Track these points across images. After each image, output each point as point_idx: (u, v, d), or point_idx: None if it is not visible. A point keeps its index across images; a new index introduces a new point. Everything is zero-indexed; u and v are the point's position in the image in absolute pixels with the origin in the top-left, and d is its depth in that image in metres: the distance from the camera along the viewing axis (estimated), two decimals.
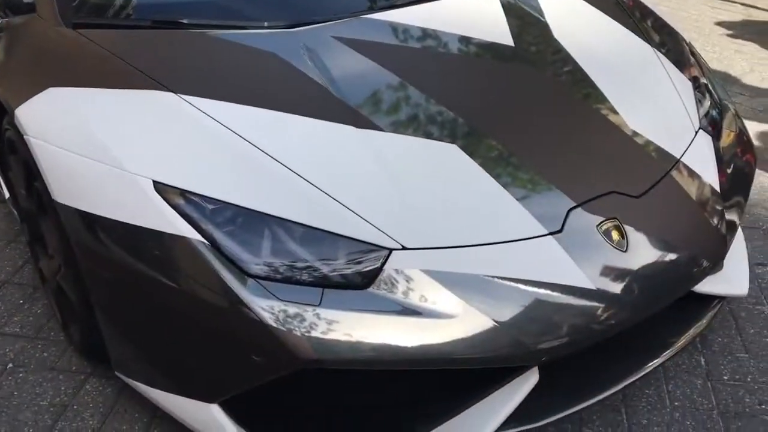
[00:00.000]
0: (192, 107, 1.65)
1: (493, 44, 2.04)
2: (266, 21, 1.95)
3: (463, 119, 1.78)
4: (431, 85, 1.85)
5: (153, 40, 1.87)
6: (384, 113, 1.76)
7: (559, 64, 2.05)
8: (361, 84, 1.83)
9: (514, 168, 1.71)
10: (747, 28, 4.49)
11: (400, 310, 1.47)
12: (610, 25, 2.29)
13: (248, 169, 1.57)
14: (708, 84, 2.26)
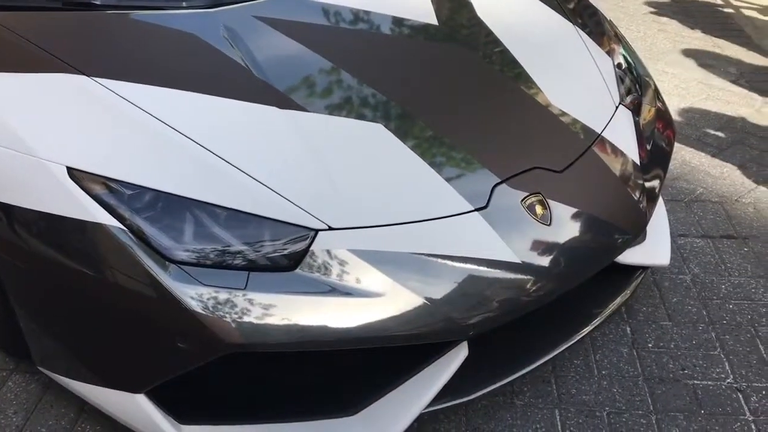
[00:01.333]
0: (105, 90, 1.59)
1: (417, 24, 2.03)
2: (184, 1, 1.89)
3: (388, 98, 1.77)
4: (356, 64, 1.84)
5: (63, 21, 1.80)
6: (308, 94, 1.74)
7: (483, 43, 2.06)
8: (284, 64, 1.80)
9: (439, 146, 1.72)
10: (671, 8, 4.61)
11: (327, 291, 1.46)
12: (533, 4, 2.32)
13: (168, 152, 1.53)
14: (629, 61, 2.31)
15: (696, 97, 3.42)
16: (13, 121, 1.54)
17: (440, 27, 2.06)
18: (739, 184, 2.75)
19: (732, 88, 3.51)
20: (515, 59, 2.02)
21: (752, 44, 4.05)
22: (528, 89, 1.97)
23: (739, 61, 3.83)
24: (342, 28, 1.97)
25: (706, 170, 2.83)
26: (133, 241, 1.43)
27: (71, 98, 1.59)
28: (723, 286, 2.22)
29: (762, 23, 4.36)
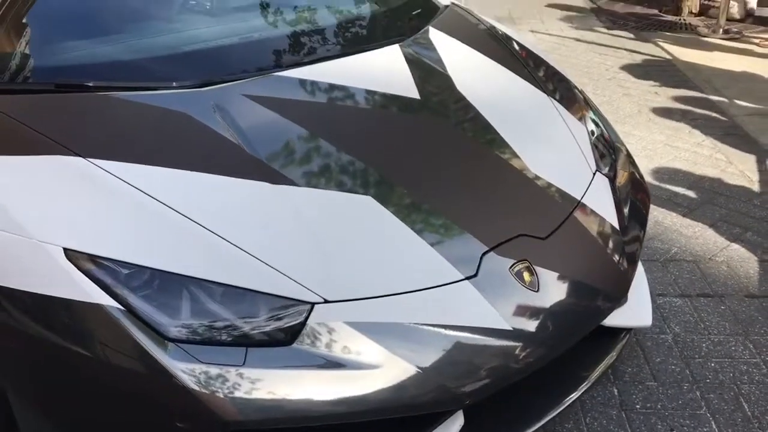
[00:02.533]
0: (101, 170, 1.62)
1: (400, 97, 2.11)
2: (175, 81, 1.95)
3: (376, 171, 1.83)
4: (343, 138, 1.90)
5: (57, 103, 1.84)
6: (298, 168, 1.79)
7: (463, 114, 2.14)
8: (274, 140, 1.85)
9: (427, 216, 1.76)
10: (633, 71, 4.81)
11: (324, 364, 1.48)
12: (507, 76, 2.41)
13: (163, 230, 1.56)
14: (601, 127, 2.41)
15: (663, 158, 3.55)
16: (9, 203, 1.56)
17: (422, 101, 2.13)
18: (712, 243, 2.83)
19: (697, 150, 3.65)
20: (495, 130, 2.10)
21: (714, 107, 4.23)
22: (508, 158, 2.03)
23: (702, 122, 3.99)
24: (330, 103, 2.04)
25: (679, 230, 2.92)
26: (130, 321, 1.44)
27: (67, 179, 1.61)
28: (704, 344, 2.28)
29: (720, 85, 4.56)
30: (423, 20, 2.54)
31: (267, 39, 2.28)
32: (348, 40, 2.40)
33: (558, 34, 5.65)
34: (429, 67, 2.28)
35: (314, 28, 2.41)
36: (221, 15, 2.65)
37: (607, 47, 5.34)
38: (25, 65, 2.01)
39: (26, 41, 2.14)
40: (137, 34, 2.26)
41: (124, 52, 2.12)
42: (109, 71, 1.98)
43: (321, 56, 2.22)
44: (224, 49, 2.19)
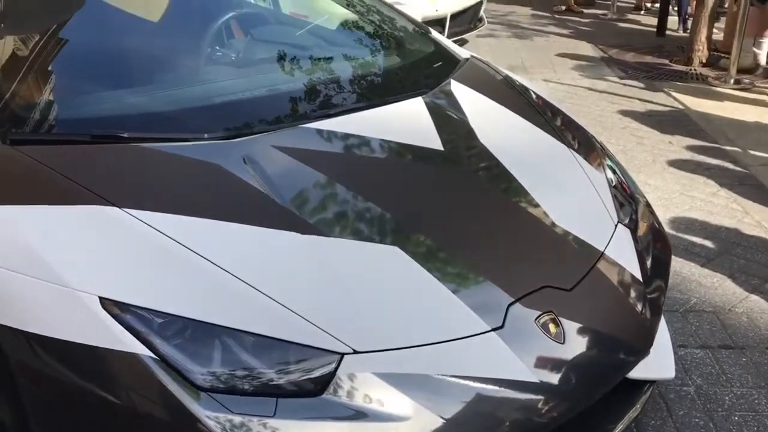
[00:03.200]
0: (136, 220, 1.66)
1: (424, 148, 2.15)
2: (206, 132, 2.00)
3: (403, 221, 1.86)
4: (370, 189, 1.93)
5: (93, 154, 1.89)
6: (327, 218, 1.82)
7: (485, 166, 2.17)
8: (303, 191, 1.89)
9: (454, 267, 1.79)
10: (646, 121, 4.87)
11: (353, 415, 1.49)
12: (527, 127, 2.45)
13: (195, 279, 1.58)
14: (620, 178, 2.44)
15: (679, 208, 3.57)
16: (46, 253, 1.59)
17: (445, 152, 2.17)
18: (731, 293, 2.84)
19: (712, 200, 3.67)
20: (517, 180, 2.13)
21: (728, 156, 4.26)
22: (531, 209, 2.06)
23: (717, 172, 4.02)
24: (356, 155, 2.08)
25: (698, 280, 2.93)
26: (162, 369, 1.46)
27: (103, 229, 1.65)
28: (726, 397, 2.27)
29: (733, 135, 4.60)
30: (444, 72, 2.60)
31: (294, 91, 2.33)
32: (372, 92, 2.46)
33: (570, 83, 5.73)
34: (451, 118, 2.32)
35: (339, 81, 2.47)
36: (248, 66, 2.72)
37: (619, 96, 5.41)
38: (61, 116, 2.07)
39: (61, 91, 2.21)
40: (168, 85, 2.32)
41: (156, 104, 2.18)
42: (143, 122, 2.03)
43: (347, 108, 2.27)
44: (253, 101, 2.24)
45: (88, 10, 2.56)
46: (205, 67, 2.62)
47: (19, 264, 1.59)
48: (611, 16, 8.02)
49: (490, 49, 6.74)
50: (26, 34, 2.39)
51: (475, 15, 6.62)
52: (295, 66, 2.59)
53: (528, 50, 6.73)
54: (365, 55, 2.81)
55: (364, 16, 3.04)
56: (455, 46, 2.92)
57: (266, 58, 2.77)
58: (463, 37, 6.46)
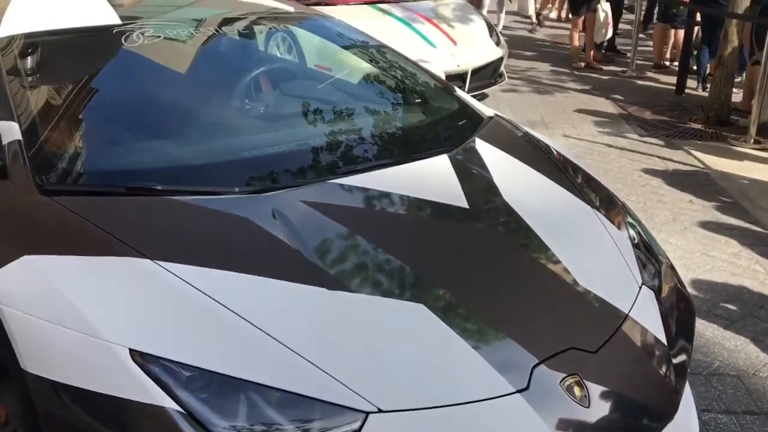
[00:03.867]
0: (167, 273, 1.69)
1: (450, 206, 2.17)
2: (236, 186, 2.04)
3: (428, 279, 1.87)
4: (397, 246, 1.95)
5: (127, 206, 1.93)
6: (353, 274, 1.84)
7: (510, 224, 2.19)
8: (330, 246, 1.92)
9: (478, 326, 1.79)
10: (666, 178, 4.88)
11: None
12: (550, 186, 2.47)
13: (223, 333, 1.60)
14: (643, 237, 2.45)
15: (701, 268, 3.56)
16: (78, 303, 1.62)
17: (470, 210, 2.19)
18: (754, 357, 2.80)
19: (734, 260, 3.65)
20: (541, 240, 2.14)
21: (749, 216, 4.26)
22: (556, 269, 2.07)
23: (738, 232, 4.01)
24: (384, 211, 2.11)
25: (721, 343, 2.90)
26: (188, 423, 1.47)
27: (134, 280, 1.68)
28: None
29: (754, 195, 4.60)
30: (469, 130, 2.64)
31: (321, 146, 2.38)
32: (399, 149, 2.50)
33: (589, 140, 5.77)
34: (476, 177, 2.35)
35: (366, 136, 2.53)
36: (276, 120, 2.79)
37: (638, 153, 5.44)
38: (95, 167, 2.12)
39: (95, 142, 2.28)
40: (199, 137, 2.38)
41: (188, 156, 2.24)
42: (175, 175, 2.08)
43: (374, 164, 2.31)
44: (281, 156, 2.29)
45: (123, 62, 2.64)
46: (234, 120, 2.68)
47: (50, 313, 1.62)
48: (630, 74, 8.09)
49: (510, 103, 6.82)
50: (62, 85, 2.48)
51: (496, 70, 6.71)
52: (323, 120, 2.64)
53: (547, 105, 6.80)
54: (391, 111, 2.87)
55: (390, 71, 3.11)
56: (479, 104, 2.97)
57: (294, 112, 2.83)
58: (484, 91, 6.55)
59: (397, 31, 6.27)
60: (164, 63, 2.73)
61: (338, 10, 6.06)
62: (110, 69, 2.63)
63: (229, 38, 2.93)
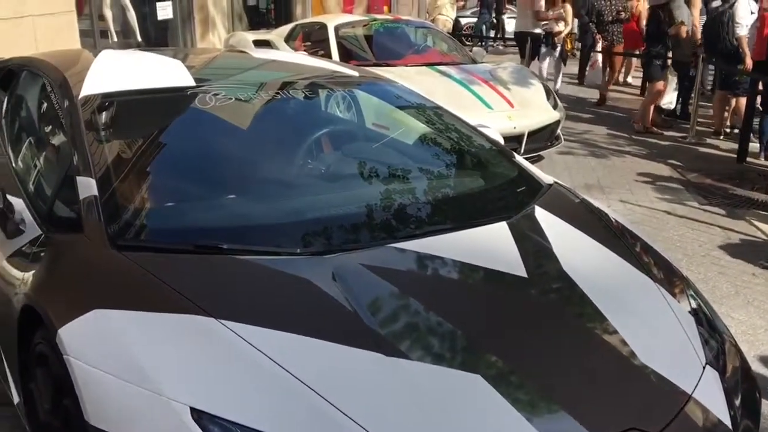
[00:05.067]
0: (231, 332, 1.72)
1: (509, 275, 2.17)
2: (299, 247, 2.08)
3: (487, 349, 1.86)
4: (455, 314, 1.95)
5: (194, 264, 1.99)
6: (411, 341, 1.84)
7: (570, 296, 2.17)
8: (389, 312, 1.93)
9: (537, 401, 1.76)
10: (728, 249, 4.76)
11: None
12: (609, 256, 2.44)
13: (284, 397, 1.62)
14: (706, 313, 2.38)
15: (765, 345, 3.43)
16: (142, 358, 1.66)
17: (529, 279, 2.18)
18: None
19: None
20: (602, 314, 2.11)
21: None
22: (615, 342, 2.03)
23: None
24: (442, 278, 2.12)
25: None
26: None
27: (198, 339, 1.72)
28: None
29: None
30: (528, 198, 2.65)
31: (381, 209, 2.42)
32: (458, 214, 2.51)
33: (648, 206, 5.69)
34: (536, 246, 2.35)
35: (426, 201, 2.55)
36: (337, 180, 2.84)
37: (699, 222, 5.33)
38: (171, 227, 2.19)
39: (165, 200, 2.36)
40: (264, 198, 2.45)
41: (253, 216, 2.30)
42: (242, 235, 2.13)
43: (433, 229, 2.33)
44: (342, 218, 2.33)
45: (194, 123, 2.75)
46: (297, 180, 2.75)
47: (116, 367, 1.66)
48: (690, 140, 8.00)
49: (567, 166, 6.80)
50: (137, 143, 2.59)
51: (552, 133, 6.73)
52: (383, 183, 2.68)
53: (604, 169, 6.75)
54: (451, 175, 2.90)
55: (450, 135, 3.15)
56: (538, 171, 2.98)
57: (354, 173, 2.87)
58: (539, 153, 6.55)
59: (455, 92, 6.38)
60: (233, 124, 2.83)
61: (397, 71, 6.20)
62: (182, 129, 2.74)
63: (293, 100, 3.03)
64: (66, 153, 2.49)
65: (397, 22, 8.79)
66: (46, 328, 1.84)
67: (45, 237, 2.25)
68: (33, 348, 2.00)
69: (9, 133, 3.10)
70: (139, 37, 9.06)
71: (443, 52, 7.92)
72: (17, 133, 3.11)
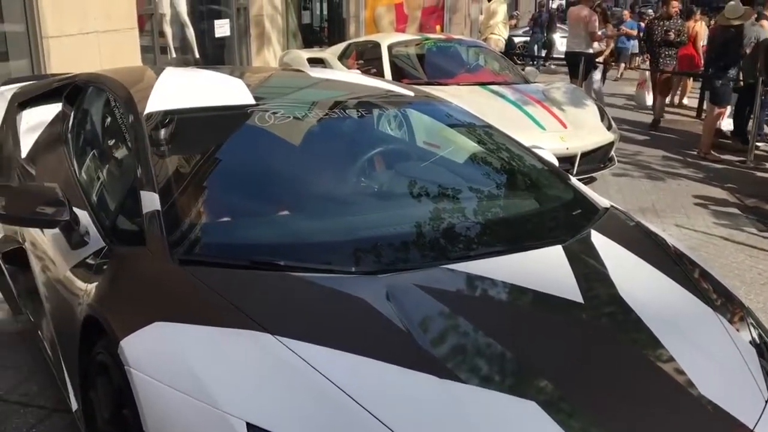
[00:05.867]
0: (286, 349, 1.74)
1: (564, 300, 2.14)
2: (353, 266, 2.10)
3: (542, 375, 1.83)
4: (510, 339, 1.93)
5: (251, 279, 2.02)
6: (465, 364, 1.83)
7: (627, 324, 2.13)
8: (442, 333, 1.93)
9: (588, 426, 1.73)
10: None
11: None
12: (668, 283, 2.39)
13: (337, 416, 1.62)
14: (765, 340, 2.31)
15: None
16: (201, 372, 1.69)
17: (585, 305, 2.15)
18: None
19: None
20: (660, 342, 2.06)
21: None
22: (672, 371, 1.98)
23: None
24: (496, 301, 2.11)
25: None
26: None
27: (255, 355, 1.74)
28: None
29: None
30: (584, 221, 2.62)
31: (435, 230, 2.42)
32: (512, 236, 2.49)
33: (704, 231, 5.56)
34: (592, 271, 2.32)
35: (479, 222, 2.55)
36: (390, 199, 2.86)
37: (758, 250, 5.18)
38: (231, 243, 2.24)
39: (223, 216, 2.41)
40: (319, 215, 2.48)
41: (308, 234, 2.33)
42: (297, 253, 2.16)
43: (487, 251, 2.32)
44: (396, 237, 2.33)
45: (254, 140, 2.81)
46: (352, 199, 2.77)
47: (175, 380, 1.70)
48: (748, 164, 7.81)
49: (620, 188, 6.70)
50: (198, 160, 2.66)
51: (606, 155, 6.64)
52: (436, 203, 2.68)
53: (659, 193, 6.63)
54: (504, 197, 2.89)
55: (505, 157, 3.14)
56: (594, 194, 2.95)
57: (408, 193, 2.88)
58: (592, 175, 6.48)
59: (507, 112, 6.36)
60: (290, 142, 2.87)
61: (449, 91, 6.22)
62: (242, 146, 2.80)
63: (348, 119, 3.07)
64: (129, 167, 2.57)
65: (449, 41, 8.83)
66: (108, 338, 1.89)
67: (108, 249, 2.31)
68: (94, 357, 2.05)
69: (74, 146, 3.21)
70: (197, 53, 9.28)
71: (495, 71, 7.91)
72: (82, 146, 3.22)
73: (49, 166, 3.23)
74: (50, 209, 2.34)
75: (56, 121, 3.56)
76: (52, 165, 3.21)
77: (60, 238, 2.53)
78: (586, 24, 9.91)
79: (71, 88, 3.56)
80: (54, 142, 3.37)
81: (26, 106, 3.83)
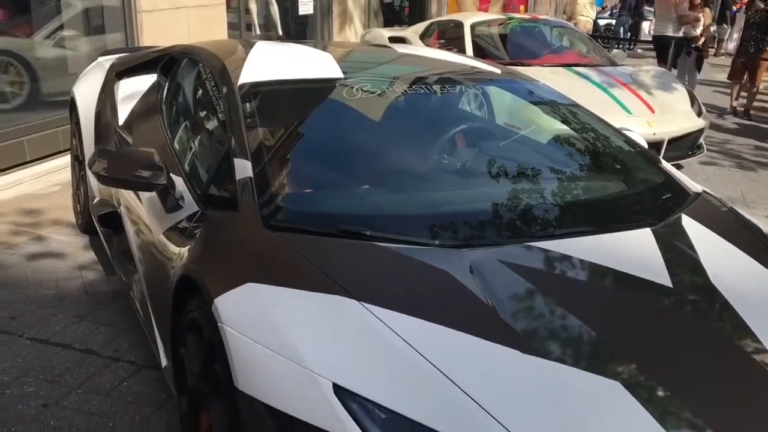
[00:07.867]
0: (372, 315, 1.77)
1: (650, 282, 2.10)
2: (437, 239, 2.11)
3: (626, 356, 1.81)
4: (593, 318, 1.91)
5: (338, 246, 2.06)
6: (548, 341, 1.82)
7: (717, 311, 2.07)
8: (526, 309, 1.92)
9: (679, 414, 1.69)
10: None
11: None
12: (762, 272, 2.31)
13: (421, 383, 1.65)
14: None
15: None
16: (291, 333, 1.75)
17: (673, 289, 2.10)
18: None
19: None
20: (751, 331, 2.00)
21: None
22: (766, 361, 1.92)
23: None
24: (580, 280, 2.09)
25: None
26: None
27: (341, 318, 1.78)
28: None
29: None
30: (674, 205, 2.55)
31: (520, 207, 2.41)
32: (600, 217, 2.46)
33: None
34: (682, 256, 2.26)
35: (566, 202, 2.51)
36: (474, 176, 2.85)
37: None
38: (321, 211, 2.29)
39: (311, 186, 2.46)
40: (404, 189, 2.50)
41: (394, 206, 2.36)
42: (385, 224, 2.19)
43: (573, 231, 2.29)
44: (480, 213, 2.33)
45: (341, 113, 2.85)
46: (435, 174, 2.78)
47: (266, 338, 1.75)
48: None
49: (708, 177, 6.46)
50: (288, 130, 2.72)
51: (695, 142, 6.41)
52: (522, 182, 2.66)
53: (749, 183, 6.36)
54: (591, 177, 2.84)
55: (593, 137, 3.08)
56: (686, 178, 2.86)
57: (492, 170, 2.87)
58: (679, 162, 6.27)
59: (593, 95, 6.21)
60: (377, 116, 2.90)
61: (532, 71, 6.10)
62: (331, 119, 2.85)
63: (433, 95, 3.07)
64: (222, 136, 2.65)
65: (534, 21, 8.66)
66: (202, 297, 1.97)
67: (201, 213, 2.40)
68: (186, 315, 2.14)
69: (168, 115, 3.33)
70: (281, 30, 9.43)
71: (581, 53, 7.73)
72: (176, 115, 3.34)
73: (145, 133, 3.37)
74: (148, 173, 2.44)
75: (151, 90, 3.70)
76: (147, 133, 3.34)
77: (155, 202, 2.64)
78: (676, 6, 9.53)
79: (166, 59, 3.69)
80: (149, 110, 3.50)
81: (123, 76, 3.99)
